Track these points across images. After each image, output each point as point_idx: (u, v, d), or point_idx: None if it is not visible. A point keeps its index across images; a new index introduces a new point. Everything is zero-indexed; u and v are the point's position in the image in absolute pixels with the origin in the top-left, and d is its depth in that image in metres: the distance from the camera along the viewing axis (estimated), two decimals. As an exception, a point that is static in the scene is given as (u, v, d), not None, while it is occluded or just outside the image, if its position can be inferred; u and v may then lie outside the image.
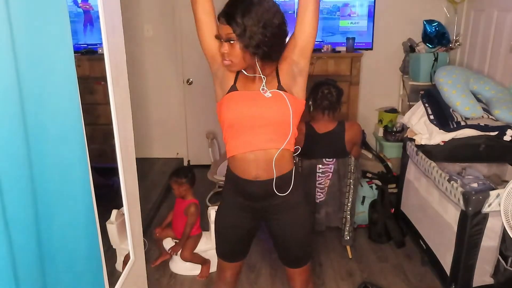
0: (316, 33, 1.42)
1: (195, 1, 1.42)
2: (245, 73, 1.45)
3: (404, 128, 3.55)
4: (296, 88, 1.46)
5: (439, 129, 2.53)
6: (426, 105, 2.67)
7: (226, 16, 1.32)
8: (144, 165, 3.76)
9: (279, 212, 1.56)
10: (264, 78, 1.43)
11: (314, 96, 2.50)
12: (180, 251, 2.48)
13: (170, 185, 2.56)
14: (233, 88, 1.45)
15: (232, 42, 1.33)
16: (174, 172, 2.54)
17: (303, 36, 1.40)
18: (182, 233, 2.48)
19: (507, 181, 2.15)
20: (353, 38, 3.60)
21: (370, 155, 3.48)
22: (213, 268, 2.56)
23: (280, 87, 1.42)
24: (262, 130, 1.43)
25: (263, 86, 1.41)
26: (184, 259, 2.48)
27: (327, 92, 2.47)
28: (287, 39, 1.44)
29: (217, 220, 1.68)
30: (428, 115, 2.62)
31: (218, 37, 1.39)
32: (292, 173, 1.50)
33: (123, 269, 1.92)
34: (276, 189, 1.46)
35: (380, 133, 3.79)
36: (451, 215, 2.17)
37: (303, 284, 1.70)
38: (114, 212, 2.11)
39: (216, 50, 1.42)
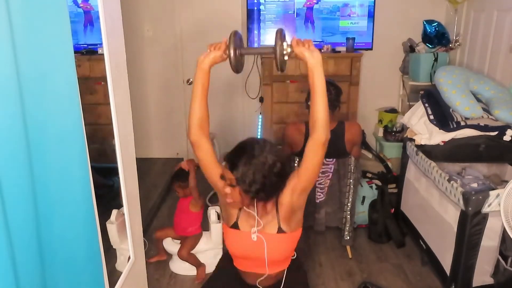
0: (319, 171, 1.50)
1: (197, 147, 1.50)
2: (246, 209, 1.52)
3: (404, 128, 3.55)
4: (295, 219, 1.53)
5: (439, 129, 2.53)
6: (426, 105, 2.67)
7: (230, 163, 1.41)
8: (144, 165, 3.75)
9: None
10: (261, 224, 1.51)
11: None
12: (179, 248, 2.49)
13: (173, 188, 2.55)
14: (235, 226, 1.55)
15: (233, 186, 1.41)
16: (175, 176, 2.52)
17: (307, 176, 1.45)
18: (184, 230, 2.49)
19: (507, 181, 2.15)
20: (353, 38, 3.60)
21: (370, 155, 3.48)
22: (211, 268, 2.56)
23: (279, 229, 1.50)
24: (261, 264, 1.55)
25: (255, 229, 1.51)
26: (181, 257, 2.47)
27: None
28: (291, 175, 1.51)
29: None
30: (428, 115, 2.62)
31: (222, 177, 1.45)
32: (283, 272, 1.62)
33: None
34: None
35: (380, 133, 3.79)
36: (451, 215, 2.17)
37: None
38: (114, 212, 2.11)
39: (220, 186, 1.49)
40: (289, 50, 1.39)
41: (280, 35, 1.40)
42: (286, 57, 1.40)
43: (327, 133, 1.37)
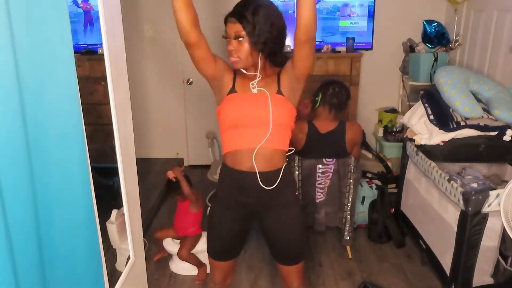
0: (313, 63, 1.48)
1: (197, 46, 1.44)
2: (244, 71, 1.52)
3: (404, 128, 3.55)
4: (294, 95, 1.54)
5: (439, 129, 2.53)
6: (426, 105, 2.67)
7: (237, 14, 1.42)
8: (144, 165, 3.75)
9: (270, 209, 1.60)
10: (259, 76, 1.51)
11: (324, 92, 2.49)
12: (178, 247, 2.49)
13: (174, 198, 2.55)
14: (233, 91, 1.53)
15: (240, 39, 1.43)
16: (170, 189, 2.51)
17: (299, 65, 1.46)
18: (185, 231, 2.49)
19: (507, 181, 2.15)
20: (353, 38, 3.60)
21: (370, 155, 3.48)
22: (209, 270, 2.56)
23: (279, 91, 1.51)
24: (260, 129, 1.50)
25: (254, 82, 1.50)
26: (181, 257, 2.48)
27: (338, 91, 2.48)
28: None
29: (210, 218, 1.70)
30: (428, 115, 2.62)
31: (225, 36, 1.47)
32: (281, 170, 1.55)
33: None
34: (263, 183, 1.51)
35: (380, 133, 3.79)
36: (451, 215, 2.17)
37: (297, 282, 1.71)
38: (114, 212, 2.11)
39: (215, 69, 1.50)
40: None
41: None
42: None
43: (309, 33, 1.34)
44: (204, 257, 2.56)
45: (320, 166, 2.59)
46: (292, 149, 1.61)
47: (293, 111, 1.55)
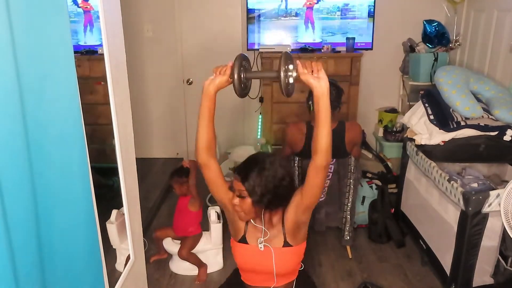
0: (320, 192, 1.50)
1: (205, 168, 1.52)
2: (253, 223, 1.56)
3: (404, 128, 3.55)
4: (300, 233, 1.56)
5: (439, 129, 2.53)
6: (426, 105, 2.67)
7: (241, 175, 1.44)
8: (144, 165, 3.75)
9: None
10: (267, 234, 1.54)
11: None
12: (179, 247, 2.49)
13: (171, 185, 2.56)
14: (244, 240, 1.58)
15: (242, 198, 1.45)
16: (174, 172, 2.54)
17: (309, 194, 1.47)
18: (184, 231, 2.49)
19: (507, 181, 2.14)
20: (353, 38, 3.60)
21: (370, 155, 3.48)
22: (210, 268, 2.57)
23: (285, 243, 1.53)
24: (267, 276, 1.58)
25: (261, 240, 1.54)
26: (181, 257, 2.48)
27: None
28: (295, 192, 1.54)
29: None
30: (428, 115, 2.62)
31: (231, 189, 1.50)
32: (292, 284, 1.64)
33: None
34: None
35: (380, 133, 3.79)
36: (451, 215, 2.17)
37: None
38: (114, 212, 2.11)
39: (227, 201, 1.53)
40: (294, 74, 1.33)
41: (285, 59, 1.34)
42: (291, 80, 1.35)
43: (328, 158, 1.38)
44: (204, 257, 2.56)
45: (320, 166, 2.58)
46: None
47: (300, 251, 1.58)
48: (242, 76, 1.41)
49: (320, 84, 1.32)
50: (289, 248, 1.54)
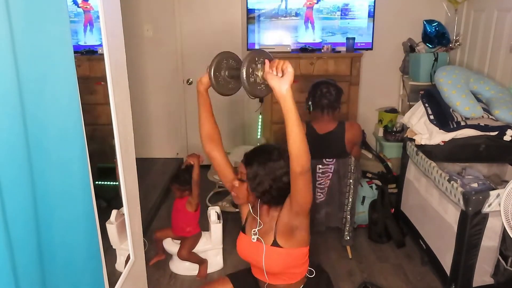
0: (310, 197, 1.40)
1: (211, 157, 1.61)
2: (252, 213, 1.61)
3: (404, 128, 3.55)
4: (295, 238, 1.51)
5: (439, 129, 2.53)
6: (426, 105, 2.67)
7: (247, 160, 1.50)
8: (144, 165, 3.75)
9: None
10: (261, 224, 1.56)
11: (313, 95, 2.50)
12: (178, 248, 2.48)
13: (170, 188, 2.55)
14: (243, 228, 1.64)
15: (242, 181, 1.50)
16: (175, 178, 2.52)
17: (296, 199, 1.41)
18: (182, 231, 2.49)
19: (507, 181, 2.14)
20: (353, 38, 3.60)
21: (370, 155, 3.48)
22: (210, 268, 2.56)
23: (274, 243, 1.52)
24: (260, 271, 1.59)
25: (255, 231, 1.57)
26: (181, 257, 2.47)
27: (326, 91, 2.47)
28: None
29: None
30: (428, 115, 2.62)
31: (235, 170, 1.57)
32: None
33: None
34: None
35: (380, 133, 3.79)
36: (451, 215, 2.17)
37: None
38: (114, 212, 2.11)
39: (232, 180, 1.57)
40: (260, 74, 1.23)
41: (252, 57, 1.24)
42: (252, 80, 1.23)
43: (302, 163, 1.27)
44: (205, 256, 2.56)
45: (320, 166, 2.58)
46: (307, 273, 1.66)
47: (292, 255, 1.53)
48: (219, 74, 1.42)
49: (279, 86, 1.22)
50: (277, 248, 1.51)
